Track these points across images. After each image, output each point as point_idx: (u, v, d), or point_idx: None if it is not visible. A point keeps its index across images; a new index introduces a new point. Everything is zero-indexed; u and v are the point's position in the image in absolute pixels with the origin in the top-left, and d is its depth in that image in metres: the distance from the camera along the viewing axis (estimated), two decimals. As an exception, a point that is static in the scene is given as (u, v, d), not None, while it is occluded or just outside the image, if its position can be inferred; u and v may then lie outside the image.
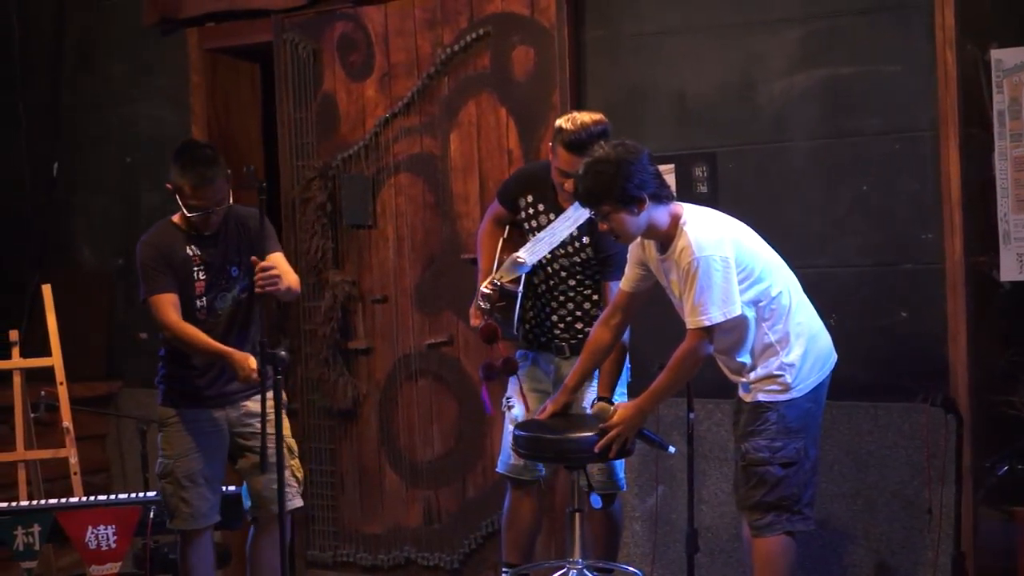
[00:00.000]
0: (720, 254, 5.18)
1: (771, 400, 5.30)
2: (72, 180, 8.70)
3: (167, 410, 5.96)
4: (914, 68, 6.06)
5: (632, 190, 5.18)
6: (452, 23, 7.07)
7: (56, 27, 8.77)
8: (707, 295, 5.15)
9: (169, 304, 5.78)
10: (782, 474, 5.27)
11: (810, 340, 5.34)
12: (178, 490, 5.89)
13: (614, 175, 5.18)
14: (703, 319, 5.16)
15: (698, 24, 6.54)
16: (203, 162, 5.82)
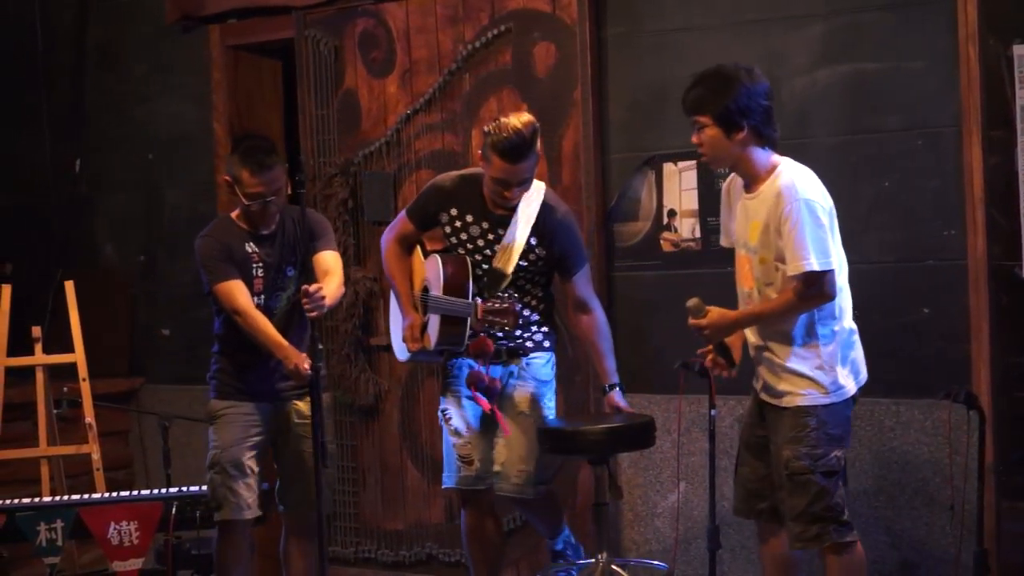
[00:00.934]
0: (823, 204, 5.05)
1: (812, 405, 5.14)
2: (95, 178, 8.73)
3: (218, 403, 6.01)
4: (936, 64, 6.04)
5: (734, 112, 5.06)
6: (473, 19, 7.08)
7: (78, 25, 8.79)
8: (807, 239, 4.97)
9: (238, 290, 5.83)
10: (824, 484, 5.11)
11: (853, 347, 5.25)
12: (226, 479, 5.92)
13: (722, 91, 5.08)
14: (803, 263, 4.98)
15: (720, 20, 6.53)
16: (261, 150, 5.91)
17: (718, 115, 5.09)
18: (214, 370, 6.08)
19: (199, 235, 6.00)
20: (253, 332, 5.81)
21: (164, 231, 8.46)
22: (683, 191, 6.60)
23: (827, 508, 5.12)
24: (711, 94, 5.12)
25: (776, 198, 5.04)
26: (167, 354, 8.43)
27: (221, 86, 8.06)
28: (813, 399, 5.13)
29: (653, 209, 6.69)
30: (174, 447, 7.20)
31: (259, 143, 5.99)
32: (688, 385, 6.31)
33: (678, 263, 6.51)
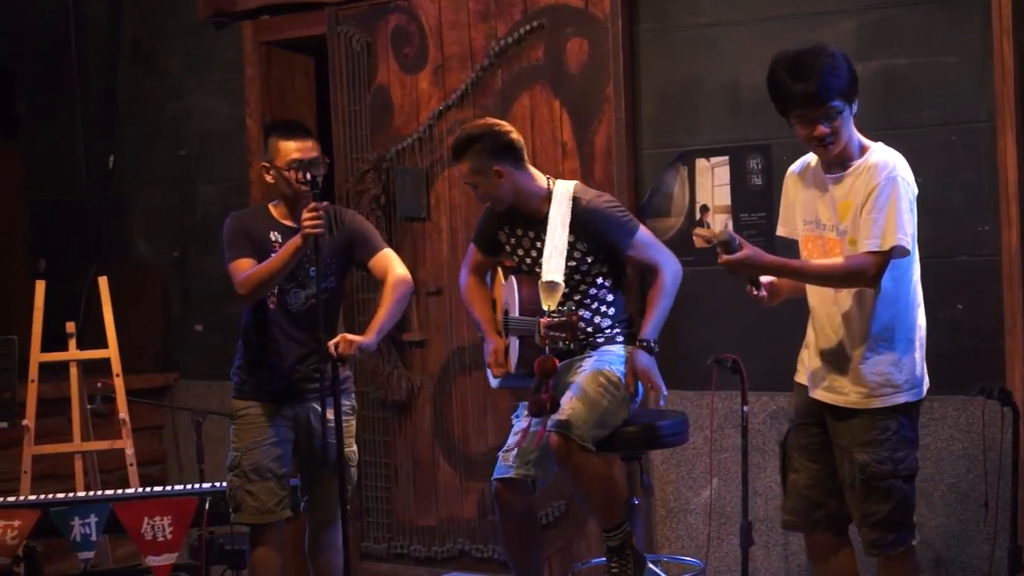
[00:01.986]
0: (913, 185, 4.86)
1: (890, 406, 4.87)
2: (128, 173, 8.76)
3: (238, 402, 5.94)
4: (970, 58, 6.02)
5: (851, 93, 4.88)
6: (506, 15, 7.08)
7: (112, 21, 8.82)
8: (901, 216, 4.74)
9: (244, 268, 5.75)
10: (906, 488, 4.92)
11: (924, 346, 4.98)
12: (244, 483, 5.85)
13: (846, 68, 4.85)
14: (896, 236, 4.73)
15: (752, 16, 6.52)
16: (296, 122, 6.02)
17: (848, 94, 4.88)
18: (235, 367, 6.02)
19: (228, 217, 6.00)
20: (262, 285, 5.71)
21: (197, 227, 8.49)
22: (715, 187, 6.59)
23: (908, 513, 4.97)
24: (840, 74, 4.84)
25: (872, 175, 4.82)
26: (201, 350, 8.46)
27: (254, 82, 8.08)
28: (892, 400, 4.88)
29: (685, 205, 6.69)
30: (207, 442, 7.23)
31: (289, 119, 6.07)
32: (720, 381, 6.32)
33: (710, 259, 6.49)
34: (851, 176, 4.88)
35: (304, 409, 5.92)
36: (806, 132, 4.89)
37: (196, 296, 8.50)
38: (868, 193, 4.79)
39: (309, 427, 5.92)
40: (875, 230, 4.74)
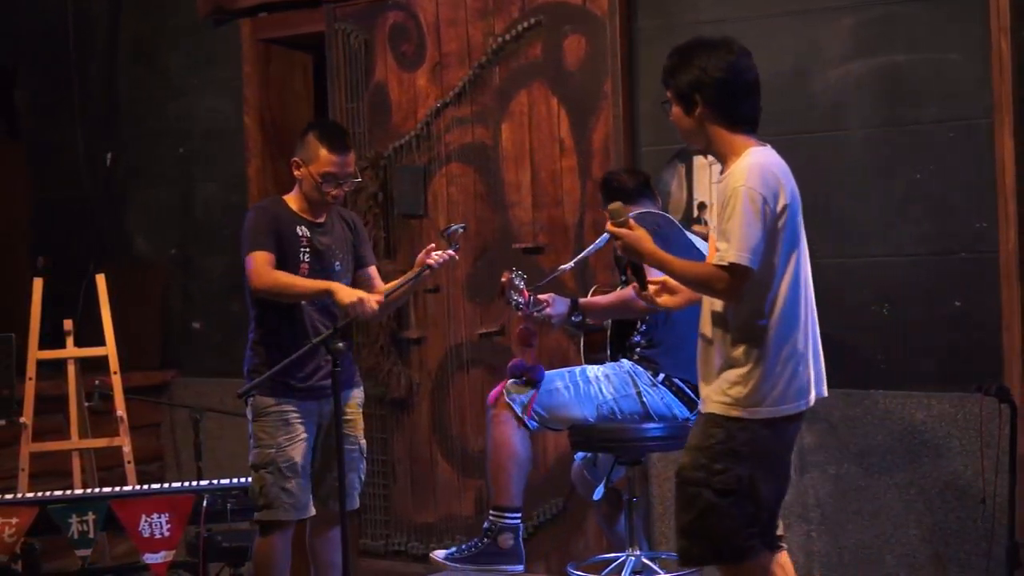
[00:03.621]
0: (764, 193, 4.49)
1: (723, 415, 4.60)
2: (127, 171, 8.76)
3: (267, 399, 5.83)
4: (970, 55, 6.01)
5: (687, 87, 4.66)
6: (504, 12, 7.07)
7: (112, 20, 8.82)
8: (735, 231, 4.47)
9: (264, 261, 5.70)
10: (718, 502, 4.57)
11: (789, 367, 4.59)
12: (280, 480, 5.79)
13: (679, 65, 4.70)
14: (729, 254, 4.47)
15: (752, 12, 6.51)
16: (341, 131, 5.94)
17: (676, 90, 4.71)
18: (256, 363, 5.89)
19: (252, 206, 5.93)
20: (281, 295, 5.68)
21: (197, 224, 8.49)
22: (713, 184, 6.58)
23: (717, 531, 4.62)
24: (671, 68, 4.71)
25: (728, 182, 4.57)
26: (200, 347, 8.46)
27: (252, 79, 8.08)
28: (726, 409, 4.60)
29: (684, 202, 6.68)
30: (206, 440, 7.23)
31: (339, 127, 6.02)
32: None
33: (708, 256, 6.49)
34: (725, 179, 4.67)
35: (327, 405, 5.89)
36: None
37: (195, 293, 8.50)
38: (723, 202, 4.60)
39: (329, 422, 5.92)
40: (721, 243, 4.55)
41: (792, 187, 4.62)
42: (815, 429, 6.36)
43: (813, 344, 4.69)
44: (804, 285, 4.66)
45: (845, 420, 6.30)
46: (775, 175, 4.57)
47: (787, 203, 4.56)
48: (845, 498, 6.32)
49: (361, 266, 6.08)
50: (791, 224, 4.60)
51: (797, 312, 4.61)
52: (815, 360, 4.69)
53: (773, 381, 4.57)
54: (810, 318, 4.68)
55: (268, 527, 5.88)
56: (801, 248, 4.66)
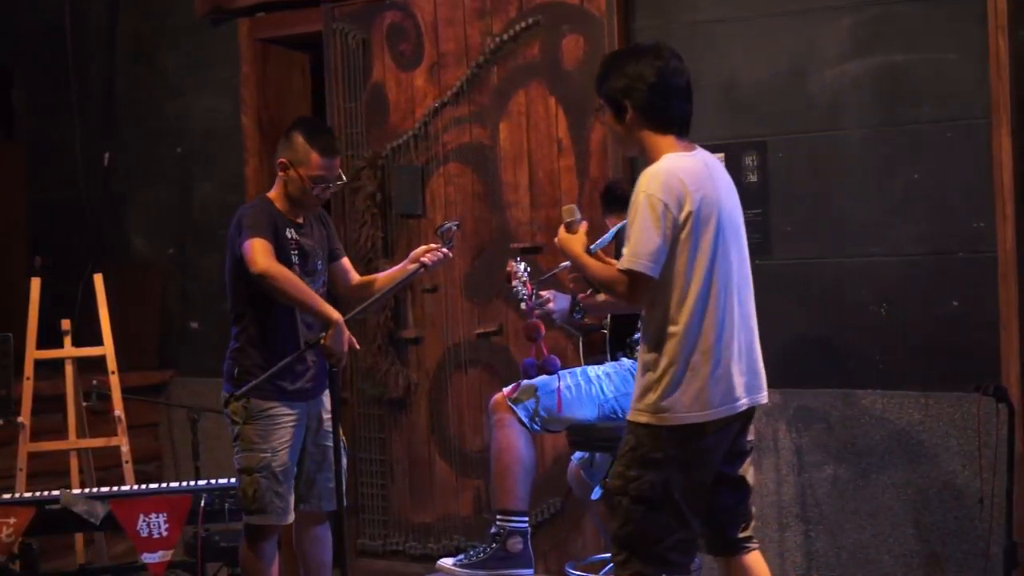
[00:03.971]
0: (665, 200, 4.51)
1: (635, 421, 4.65)
2: (125, 171, 8.75)
3: (259, 402, 5.73)
4: (967, 55, 6.01)
5: (615, 93, 4.70)
6: (502, 12, 7.07)
7: (110, 19, 8.82)
8: (634, 236, 4.53)
9: (268, 248, 5.56)
10: (634, 509, 4.63)
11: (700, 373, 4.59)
12: (274, 484, 5.72)
13: (608, 71, 4.75)
14: (624, 260, 4.54)
15: (750, 12, 6.51)
16: (329, 133, 5.88)
17: (607, 97, 4.74)
18: (248, 366, 5.77)
19: (246, 205, 5.85)
20: (282, 290, 5.53)
21: (195, 224, 8.48)
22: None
23: (632, 535, 4.67)
24: (601, 76, 4.77)
25: (635, 188, 4.63)
26: (197, 347, 8.45)
27: (250, 79, 8.08)
28: (637, 416, 4.66)
29: (681, 202, 6.67)
30: (203, 440, 7.24)
31: (324, 125, 5.98)
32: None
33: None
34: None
35: (315, 405, 5.89)
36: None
37: (193, 293, 8.50)
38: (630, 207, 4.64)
39: (319, 423, 5.89)
40: (628, 247, 4.57)
41: (706, 193, 4.60)
42: (813, 429, 6.37)
43: (743, 351, 4.70)
44: (724, 291, 4.65)
45: (843, 420, 6.30)
46: (680, 181, 4.57)
47: (692, 210, 4.55)
48: (843, 498, 6.32)
49: (335, 259, 6.02)
50: (700, 230, 4.58)
51: (715, 319, 4.62)
52: (746, 366, 4.71)
53: (684, 388, 4.60)
54: (737, 324, 4.68)
55: (258, 532, 5.80)
56: (720, 253, 4.63)
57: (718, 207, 4.62)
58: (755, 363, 4.76)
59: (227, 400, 5.79)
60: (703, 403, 4.59)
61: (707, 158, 4.74)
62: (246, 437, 5.75)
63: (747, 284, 4.77)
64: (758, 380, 4.77)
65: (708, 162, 4.73)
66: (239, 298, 5.80)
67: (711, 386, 4.59)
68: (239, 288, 5.77)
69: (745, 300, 4.74)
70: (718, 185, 4.67)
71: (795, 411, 6.41)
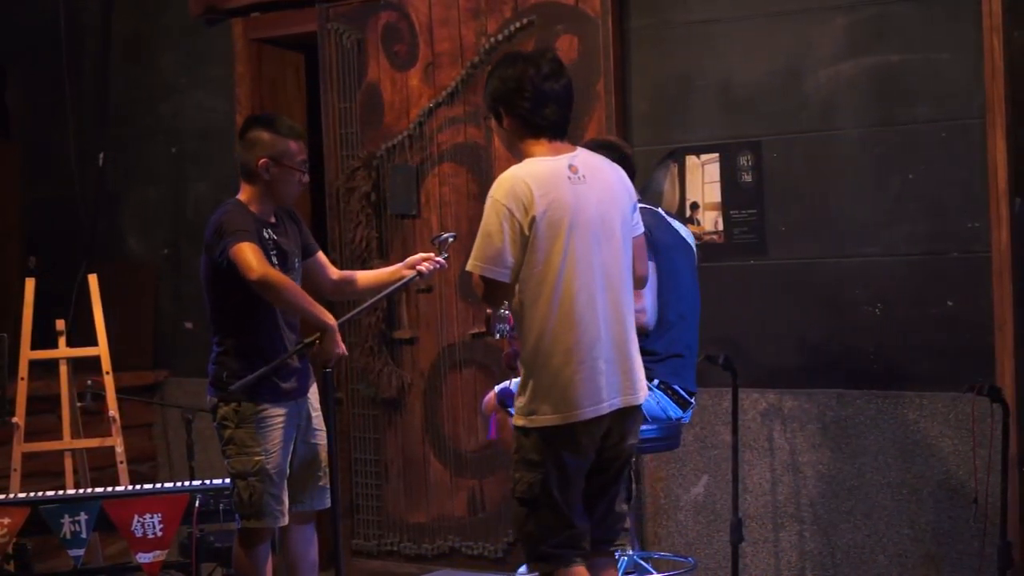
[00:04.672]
0: (508, 205, 4.63)
1: (515, 424, 4.80)
2: (119, 170, 8.76)
3: (253, 405, 5.65)
4: (962, 55, 6.02)
5: (492, 100, 4.84)
6: (496, 12, 7.07)
7: (104, 19, 8.82)
8: (478, 238, 4.67)
9: (259, 253, 5.47)
10: (519, 511, 4.79)
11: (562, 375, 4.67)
12: (270, 487, 5.65)
13: (487, 78, 4.89)
14: (471, 262, 4.69)
15: (745, 12, 6.52)
16: (284, 118, 5.83)
17: (488, 103, 4.91)
18: (235, 369, 5.65)
19: (222, 211, 5.66)
20: (278, 293, 5.43)
21: (188, 224, 8.47)
22: (706, 184, 6.59)
23: (521, 534, 4.83)
24: (485, 83, 4.93)
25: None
26: (191, 347, 8.43)
27: (244, 79, 8.08)
28: (515, 419, 4.81)
29: (676, 202, 6.68)
30: (198, 440, 7.23)
31: (277, 115, 5.89)
32: (711, 378, 6.33)
33: (701, 256, 6.49)
34: None
35: (303, 404, 5.86)
36: None
37: (188, 294, 8.48)
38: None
39: (309, 422, 5.87)
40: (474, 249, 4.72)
41: (555, 198, 4.67)
42: (808, 429, 6.37)
43: (612, 352, 4.74)
44: (584, 293, 4.70)
45: (838, 420, 6.30)
46: (527, 186, 4.65)
47: (537, 214, 4.63)
48: (838, 498, 6.33)
49: (309, 255, 5.94)
50: (549, 234, 4.65)
51: (575, 321, 4.67)
52: (616, 367, 4.75)
53: (546, 390, 4.70)
54: (604, 326, 4.72)
55: (253, 536, 5.73)
56: (578, 256, 4.69)
57: (571, 211, 4.68)
58: (627, 363, 4.80)
59: (216, 404, 5.73)
60: (568, 404, 4.68)
61: (577, 161, 4.80)
62: (239, 441, 5.68)
63: (620, 286, 4.80)
64: (630, 381, 4.81)
65: (577, 164, 4.79)
66: (220, 304, 5.71)
67: (574, 388, 4.68)
68: (219, 293, 5.67)
69: (616, 302, 4.78)
70: (578, 189, 4.72)
71: (790, 411, 6.41)
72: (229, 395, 5.63)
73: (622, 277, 4.80)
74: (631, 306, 4.85)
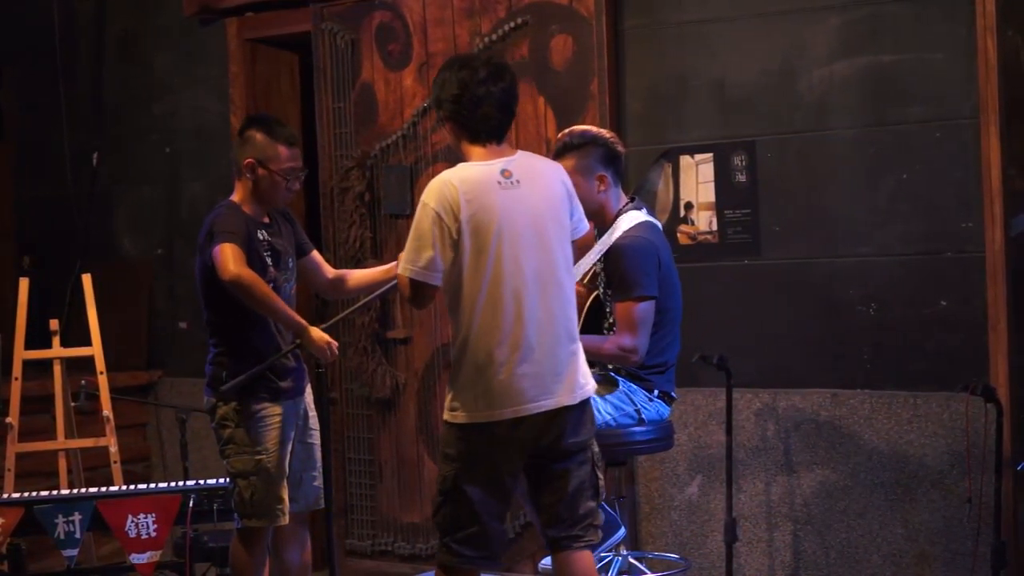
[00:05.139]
0: (436, 209, 4.73)
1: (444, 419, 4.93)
2: (114, 170, 8.75)
3: (251, 404, 5.67)
4: (956, 55, 6.02)
5: (434, 104, 4.99)
6: (490, 12, 7.07)
7: (98, 19, 8.81)
8: (408, 243, 4.80)
9: (239, 254, 5.47)
10: (434, 500, 4.93)
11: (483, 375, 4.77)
12: (273, 487, 5.66)
13: (439, 86, 4.95)
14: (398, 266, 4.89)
15: (739, 12, 6.52)
16: (284, 124, 5.82)
17: (434, 108, 5.04)
18: (235, 371, 5.65)
19: (216, 213, 5.70)
20: (259, 299, 5.44)
21: (183, 224, 8.47)
22: (700, 184, 6.59)
23: (436, 524, 4.94)
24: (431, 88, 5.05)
25: None
26: (185, 347, 8.44)
27: (238, 79, 8.07)
28: (444, 415, 4.93)
29: (670, 202, 6.68)
30: (192, 440, 7.23)
31: (279, 120, 5.88)
32: (705, 378, 6.33)
33: (695, 256, 6.50)
34: None
35: (299, 403, 5.86)
36: None
37: (181, 293, 8.48)
38: None
39: (306, 421, 5.87)
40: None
41: (484, 202, 4.75)
42: (801, 429, 6.37)
43: (540, 354, 4.79)
44: (511, 296, 4.76)
45: (832, 420, 6.30)
46: (455, 190, 4.74)
47: (464, 218, 4.72)
48: (831, 497, 6.33)
49: (304, 254, 5.95)
50: (477, 237, 4.73)
51: (500, 323, 4.75)
52: (545, 369, 4.80)
53: (468, 389, 4.80)
54: (532, 329, 4.78)
55: (253, 535, 5.73)
56: (505, 260, 4.76)
57: (499, 216, 4.75)
58: (558, 366, 4.84)
59: (215, 405, 5.74)
60: (488, 404, 4.77)
61: (513, 165, 4.87)
62: (240, 440, 5.68)
63: (554, 289, 4.84)
64: (560, 382, 4.84)
65: (512, 169, 4.85)
66: (215, 306, 5.72)
67: (494, 389, 4.76)
68: (213, 295, 5.67)
69: (548, 305, 4.82)
70: (509, 194, 4.79)
71: (783, 411, 6.42)
72: (225, 395, 5.65)
73: (557, 281, 4.86)
74: (569, 309, 4.90)
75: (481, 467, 4.82)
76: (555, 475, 4.92)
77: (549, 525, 4.96)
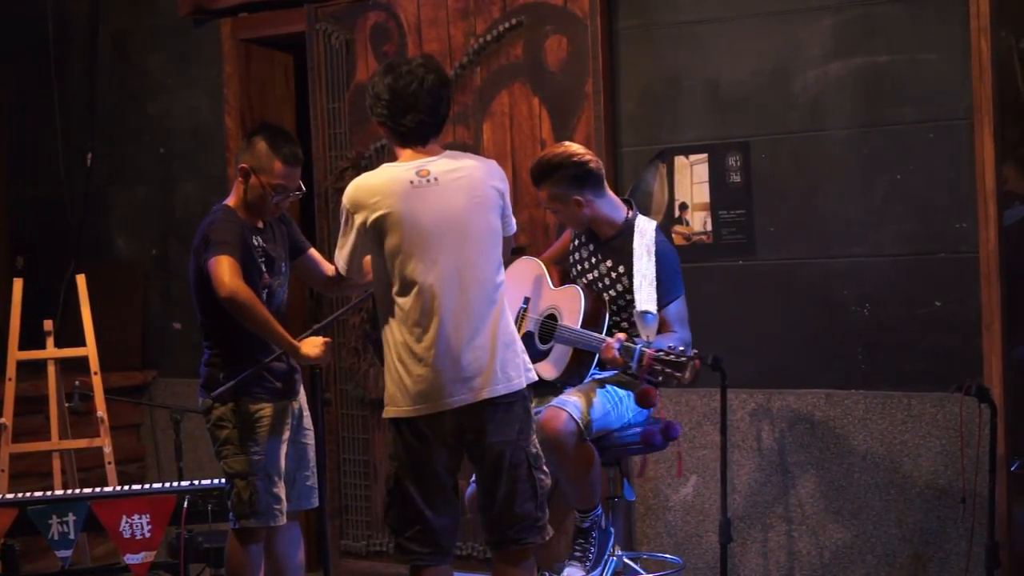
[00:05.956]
0: (350, 209, 4.99)
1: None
2: (108, 171, 8.74)
3: (249, 405, 5.66)
4: (949, 56, 6.03)
5: (368, 108, 5.11)
6: (485, 13, 7.07)
7: (92, 18, 8.80)
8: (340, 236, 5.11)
9: (236, 268, 5.46)
10: (386, 500, 5.12)
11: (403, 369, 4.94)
12: (270, 487, 5.65)
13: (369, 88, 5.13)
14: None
15: (733, 12, 6.52)
16: (293, 141, 5.80)
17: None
18: (228, 370, 5.67)
19: (214, 215, 5.70)
20: (245, 312, 5.42)
21: (177, 224, 8.46)
22: (695, 184, 6.60)
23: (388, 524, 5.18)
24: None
25: None
26: (179, 347, 8.43)
27: (232, 79, 8.06)
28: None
29: (665, 202, 6.69)
30: (186, 440, 7.22)
31: (288, 133, 5.86)
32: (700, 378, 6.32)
33: (690, 257, 6.50)
34: None
35: (297, 404, 5.86)
36: None
37: (175, 294, 8.46)
38: None
39: (300, 421, 5.86)
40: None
41: (392, 203, 4.91)
42: (796, 429, 6.38)
43: (458, 350, 4.89)
44: (426, 294, 4.90)
45: (826, 420, 6.31)
46: (364, 191, 4.95)
47: (371, 218, 4.92)
48: (826, 498, 6.33)
49: (302, 252, 5.94)
50: (385, 237, 4.92)
51: (416, 320, 4.90)
52: (465, 364, 4.90)
53: (392, 384, 5.00)
54: (451, 326, 4.89)
55: (250, 535, 5.72)
56: (417, 258, 4.91)
57: (409, 214, 4.90)
58: (477, 362, 4.93)
59: (211, 406, 5.73)
60: (409, 399, 4.93)
61: (433, 165, 4.99)
62: (237, 441, 5.68)
63: (476, 286, 4.95)
64: (480, 379, 4.93)
65: (430, 169, 4.98)
66: (209, 309, 5.70)
67: (411, 385, 4.91)
68: (209, 298, 5.64)
69: (467, 300, 4.93)
70: (421, 193, 4.93)
71: (778, 411, 6.42)
72: (221, 397, 5.66)
73: (479, 278, 4.95)
74: (490, 304, 4.98)
75: (415, 463, 4.99)
76: (486, 475, 5.02)
77: (484, 526, 5.08)
